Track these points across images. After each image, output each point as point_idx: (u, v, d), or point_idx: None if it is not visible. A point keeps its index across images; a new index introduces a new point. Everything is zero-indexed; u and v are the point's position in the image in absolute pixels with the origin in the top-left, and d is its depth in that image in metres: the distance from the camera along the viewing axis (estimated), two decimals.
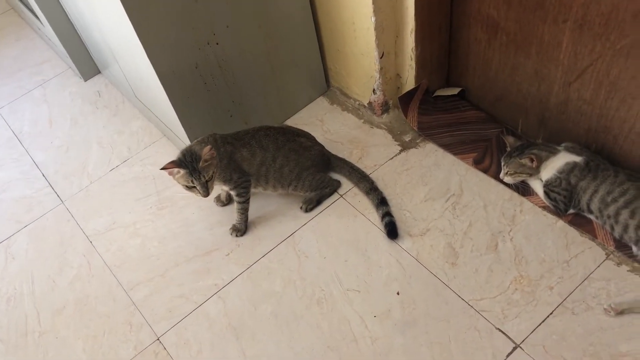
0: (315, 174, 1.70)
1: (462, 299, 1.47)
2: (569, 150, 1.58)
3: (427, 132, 1.86)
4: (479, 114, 1.88)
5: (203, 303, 1.59)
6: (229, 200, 1.80)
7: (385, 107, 1.93)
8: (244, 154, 1.61)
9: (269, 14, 1.72)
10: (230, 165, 1.58)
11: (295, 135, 1.71)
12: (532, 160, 1.56)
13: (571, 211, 1.56)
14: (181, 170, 1.46)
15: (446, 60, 1.88)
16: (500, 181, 1.67)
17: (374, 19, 1.63)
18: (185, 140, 1.79)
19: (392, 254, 1.60)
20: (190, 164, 1.46)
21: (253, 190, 1.67)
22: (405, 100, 1.87)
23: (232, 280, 1.63)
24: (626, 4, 1.28)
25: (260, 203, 1.78)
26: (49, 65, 2.52)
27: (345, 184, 1.79)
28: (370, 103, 1.93)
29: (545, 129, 1.73)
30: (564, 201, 1.54)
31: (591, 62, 1.45)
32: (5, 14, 2.88)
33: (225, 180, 1.60)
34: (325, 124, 1.99)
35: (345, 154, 1.85)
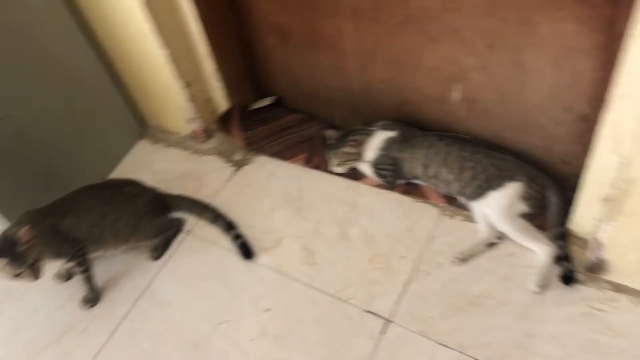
0: (153, 219, 1.63)
1: (328, 294, 1.51)
2: (384, 127, 1.68)
3: (255, 146, 1.87)
4: (297, 116, 1.94)
5: None
6: (71, 274, 1.66)
7: (207, 133, 1.91)
8: (69, 222, 1.49)
9: (57, 75, 1.66)
10: (57, 238, 1.47)
11: (120, 186, 1.63)
12: (353, 146, 1.64)
13: (401, 182, 1.68)
14: (1, 261, 1.32)
15: (252, 72, 1.92)
16: (334, 173, 1.74)
17: (165, 53, 1.61)
18: (3, 225, 1.62)
19: (253, 274, 1.59)
20: (8, 252, 1.32)
21: (93, 255, 1.56)
22: (224, 121, 1.87)
23: (97, 355, 1.50)
24: None
25: (105, 265, 1.66)
26: None
27: (190, 219, 1.74)
28: (192, 133, 1.90)
29: (358, 115, 1.83)
30: (392, 174, 1.65)
31: (375, 44, 1.57)
32: None
33: (57, 255, 1.47)
34: (153, 166, 1.92)
35: (181, 189, 1.80)
